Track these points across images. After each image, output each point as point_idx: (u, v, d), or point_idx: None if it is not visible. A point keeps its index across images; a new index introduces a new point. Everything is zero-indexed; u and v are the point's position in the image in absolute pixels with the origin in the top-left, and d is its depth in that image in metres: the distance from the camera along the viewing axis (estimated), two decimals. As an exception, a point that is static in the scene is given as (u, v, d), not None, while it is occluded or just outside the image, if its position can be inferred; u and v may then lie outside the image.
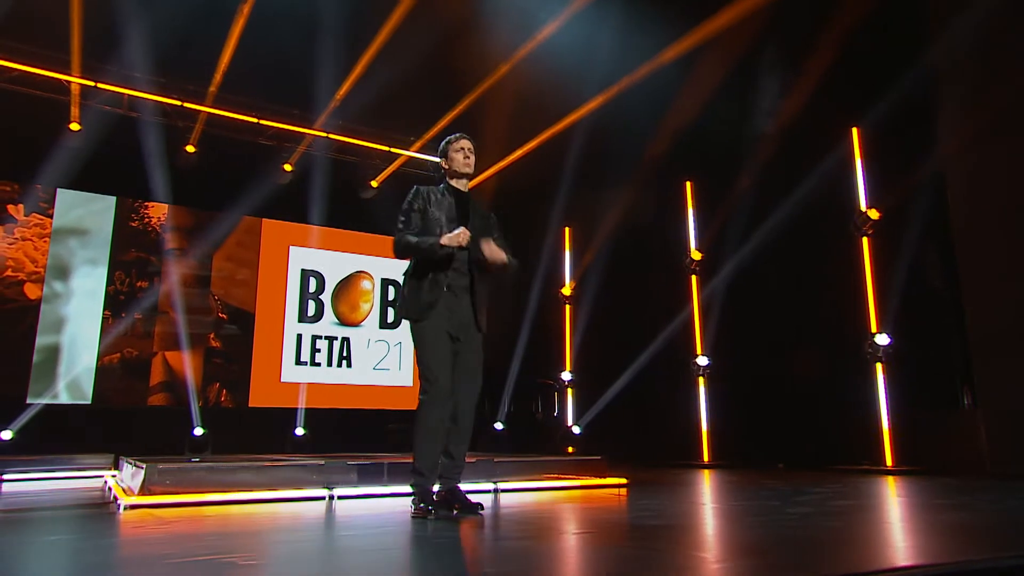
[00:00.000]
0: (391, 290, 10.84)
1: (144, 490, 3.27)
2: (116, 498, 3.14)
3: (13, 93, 7.91)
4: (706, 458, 7.80)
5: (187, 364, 9.15)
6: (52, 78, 7.93)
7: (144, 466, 3.29)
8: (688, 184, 8.59)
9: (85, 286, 8.74)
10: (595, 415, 8.80)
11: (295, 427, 9.32)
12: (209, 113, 8.65)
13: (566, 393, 9.46)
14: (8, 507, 3.60)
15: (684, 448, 7.94)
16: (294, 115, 9.23)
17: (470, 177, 3.58)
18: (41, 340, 8.40)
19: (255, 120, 9.06)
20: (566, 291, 9.80)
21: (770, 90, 7.26)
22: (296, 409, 9.52)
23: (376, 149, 9.93)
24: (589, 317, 9.47)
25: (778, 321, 7.23)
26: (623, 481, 4.54)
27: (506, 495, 3.99)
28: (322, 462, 3.67)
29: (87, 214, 8.88)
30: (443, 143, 3.60)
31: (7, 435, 7.80)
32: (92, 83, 8.13)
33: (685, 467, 7.41)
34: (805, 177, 6.86)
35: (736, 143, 7.74)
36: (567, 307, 9.87)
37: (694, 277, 8.31)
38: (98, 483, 5.53)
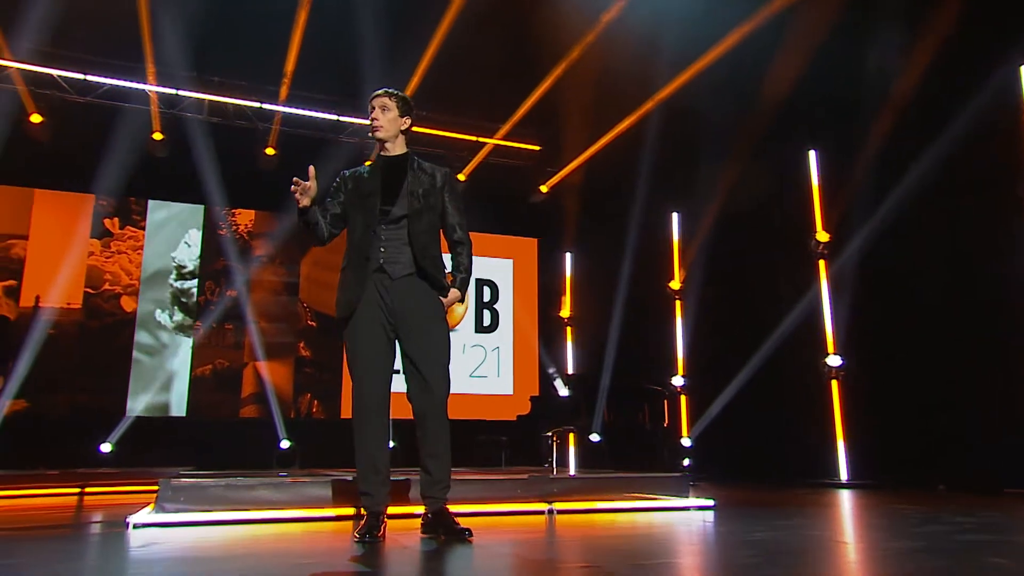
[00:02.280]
0: (487, 291, 10.76)
1: (158, 507, 3.28)
2: (126, 516, 3.16)
3: (99, 106, 8.57)
4: (844, 476, 7.03)
5: (277, 375, 9.53)
6: (135, 89, 8.52)
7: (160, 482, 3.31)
8: (812, 154, 7.82)
9: (177, 297, 9.31)
10: (711, 425, 8.22)
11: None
12: (286, 113, 8.96)
13: (678, 400, 8.92)
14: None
15: (817, 464, 7.20)
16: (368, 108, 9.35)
17: (388, 140, 3.14)
18: (137, 352, 9.04)
19: (335, 118, 9.29)
20: (675, 285, 9.26)
21: (903, 27, 6.42)
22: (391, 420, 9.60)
23: (461, 139, 9.89)
24: (702, 313, 8.87)
25: (931, 311, 6.36)
26: (708, 502, 4.07)
27: (563, 518, 3.67)
28: (350, 478, 3.54)
29: (177, 224, 9.46)
30: None
31: (106, 448, 8.44)
32: (173, 91, 8.65)
33: (819, 487, 6.70)
34: (963, 134, 5.99)
35: (870, 97, 6.93)
36: (677, 303, 9.32)
37: (822, 262, 7.53)
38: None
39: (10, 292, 8.74)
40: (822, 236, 7.57)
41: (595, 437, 7.66)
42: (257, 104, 8.98)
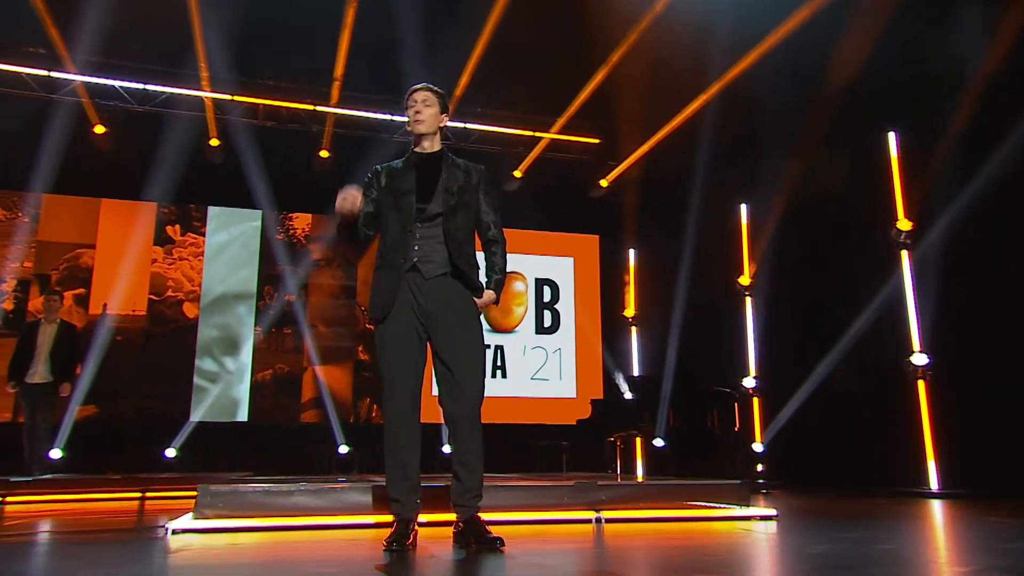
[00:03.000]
0: (547, 291, 10.67)
1: (197, 513, 3.33)
2: (165, 522, 3.23)
3: (158, 115, 8.90)
4: (934, 486, 6.63)
5: (336, 379, 9.69)
6: (191, 96, 8.82)
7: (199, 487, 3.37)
8: (892, 136, 7.42)
9: (237, 302, 9.58)
10: (785, 430, 7.90)
11: (444, 443, 9.44)
12: (339, 115, 9.11)
13: (749, 403, 8.61)
14: (53, 528, 3.86)
15: (904, 471, 6.82)
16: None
17: (429, 137, 3.08)
18: (200, 358, 9.35)
19: (387, 117, 9.39)
20: (744, 280, 8.95)
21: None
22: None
23: (516, 135, 9.84)
24: (774, 310, 8.55)
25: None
26: (770, 512, 3.87)
27: (611, 527, 3.55)
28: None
29: (236, 230, 9.74)
30: None
31: (171, 452, 8.76)
32: (228, 97, 8.91)
33: (905, 497, 6.34)
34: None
35: (951, 75, 6.53)
36: (747, 299, 9.01)
37: (904, 252, 7.13)
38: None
39: (80, 300, 9.17)
40: (903, 224, 7.16)
41: (659, 442, 7.47)
42: (310, 106, 9.15)
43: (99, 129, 8.78)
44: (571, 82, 8.70)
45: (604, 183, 10.23)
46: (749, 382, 8.67)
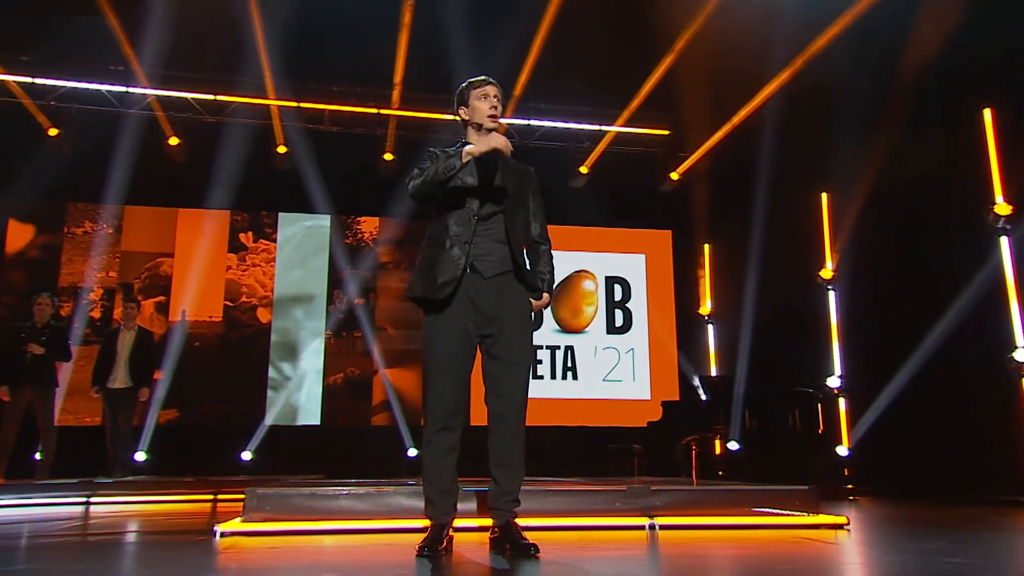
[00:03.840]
0: (618, 289, 10.52)
1: (245, 516, 3.41)
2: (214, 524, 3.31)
3: (228, 125, 9.24)
4: (1043, 492, 6.15)
5: (406, 382, 9.82)
6: (259, 104, 9.12)
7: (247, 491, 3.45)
8: (987, 113, 6.95)
9: (308, 306, 9.84)
10: (874, 432, 7.51)
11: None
12: (400, 117, 9.23)
13: (835, 404, 8.22)
14: (103, 530, 4.00)
15: (1008, 477, 6.36)
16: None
17: (495, 129, 3.03)
18: (273, 362, 9.65)
19: (451, 117, 9.43)
20: (826, 273, 8.56)
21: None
22: (517, 427, 9.62)
23: (580, 130, 9.73)
24: (860, 304, 8.14)
25: None
26: (840, 520, 3.65)
27: (666, 535, 3.43)
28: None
29: (305, 235, 10.01)
30: (460, 88, 3.12)
31: (247, 455, 9.07)
32: (294, 103, 9.18)
33: (1009, 505, 5.92)
34: None
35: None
36: (830, 293, 8.61)
37: (1003, 239, 6.66)
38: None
39: (160, 308, 9.62)
40: (1002, 208, 6.69)
41: (733, 445, 7.23)
42: (374, 110, 9.31)
43: (173, 141, 9.19)
44: (636, 72, 8.53)
45: (675, 176, 9.99)
46: (834, 381, 8.29)
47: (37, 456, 7.42)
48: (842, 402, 8.23)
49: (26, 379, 6.89)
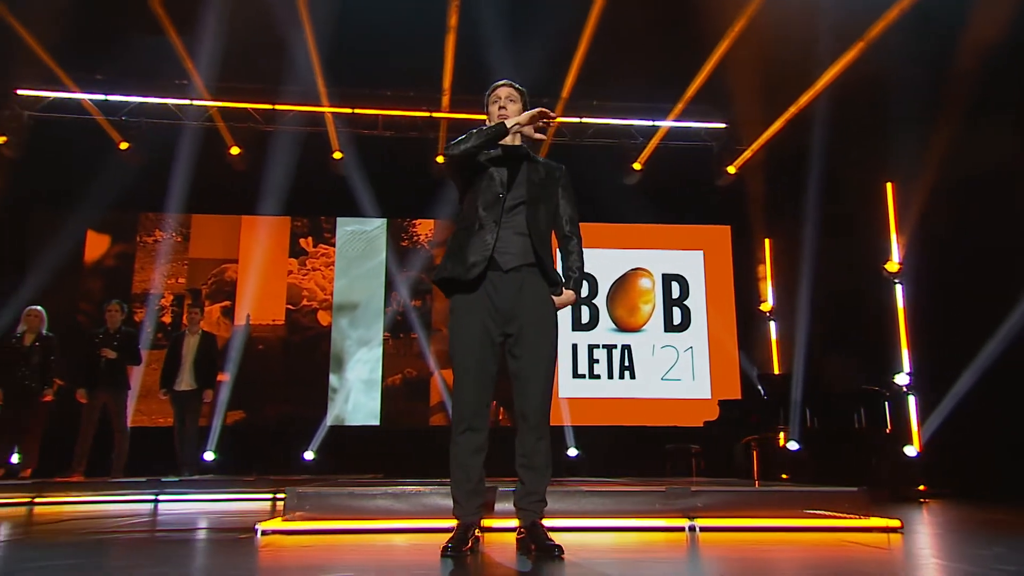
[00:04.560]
0: (675, 287, 10.34)
1: (287, 515, 3.48)
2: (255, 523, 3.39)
3: (286, 133, 9.48)
4: None
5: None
6: (312, 112, 9.33)
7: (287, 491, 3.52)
8: (1063, 93, 6.55)
9: (366, 309, 10.01)
10: (946, 431, 7.16)
11: (570, 446, 9.38)
12: (452, 119, 9.30)
13: (904, 402, 7.88)
14: (162, 527, 4.13)
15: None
16: (542, 104, 9.37)
17: (513, 133, 3.03)
18: (333, 364, 9.86)
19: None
20: (892, 267, 8.21)
21: None
22: (574, 427, 9.58)
23: (633, 126, 9.61)
24: (930, 298, 7.78)
25: None
26: (893, 523, 3.48)
27: (706, 537, 3.34)
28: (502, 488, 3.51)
29: (362, 238, 10.19)
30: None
31: (309, 455, 9.29)
32: (348, 110, 9.36)
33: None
34: None
35: None
36: (897, 287, 8.25)
37: (1083, 226, 6.26)
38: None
39: (226, 312, 9.95)
40: (1080, 194, 6.30)
41: (793, 445, 7.00)
42: (426, 113, 9.41)
43: (234, 150, 9.49)
44: (688, 66, 8.39)
45: (731, 170, 9.76)
46: (902, 379, 7.95)
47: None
48: (911, 400, 7.89)
49: (100, 382, 7.22)
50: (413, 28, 7.51)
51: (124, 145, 9.40)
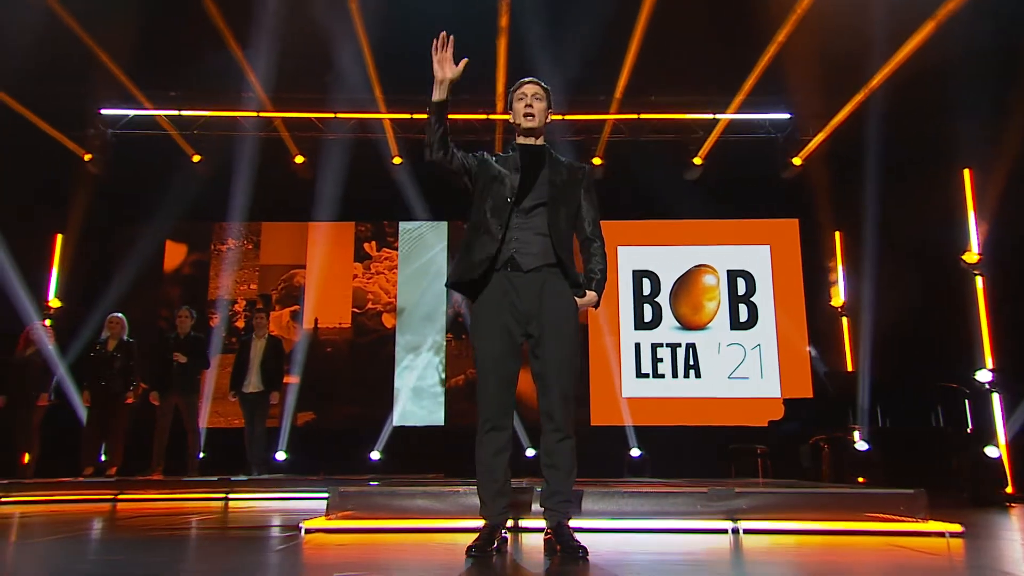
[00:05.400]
0: (741, 283, 10.07)
1: (330, 513, 3.55)
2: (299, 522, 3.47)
3: (347, 140, 9.70)
4: None
5: (522, 382, 9.86)
6: (370, 118, 9.51)
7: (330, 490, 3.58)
8: None
9: (429, 311, 10.13)
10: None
11: (633, 447, 9.24)
12: (507, 121, 9.30)
13: (987, 400, 7.43)
14: (185, 525, 4.25)
15: None
16: (598, 102, 9.31)
17: (537, 132, 3.03)
18: (398, 365, 10.02)
19: (558, 117, 9.42)
20: (971, 257, 7.77)
21: None
22: (637, 427, 9.44)
23: (692, 120, 9.41)
24: (1011, 290, 7.34)
25: None
26: (953, 528, 3.27)
27: (750, 539, 3.22)
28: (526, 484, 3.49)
29: (424, 242, 10.32)
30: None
31: (376, 455, 9.46)
32: (407, 115, 9.51)
33: None
34: None
35: None
36: (978, 279, 7.81)
37: None
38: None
39: (296, 316, 10.24)
40: None
41: (862, 445, 6.70)
42: (483, 116, 9.46)
43: (299, 159, 9.76)
44: (746, 55, 8.15)
45: (797, 161, 9.43)
46: (984, 375, 7.51)
47: (200, 455, 8.14)
48: (995, 398, 7.45)
49: (173, 385, 7.54)
50: (464, 31, 7.52)
51: (197, 158, 9.80)
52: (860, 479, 7.59)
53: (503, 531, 2.86)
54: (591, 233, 3.06)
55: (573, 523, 2.81)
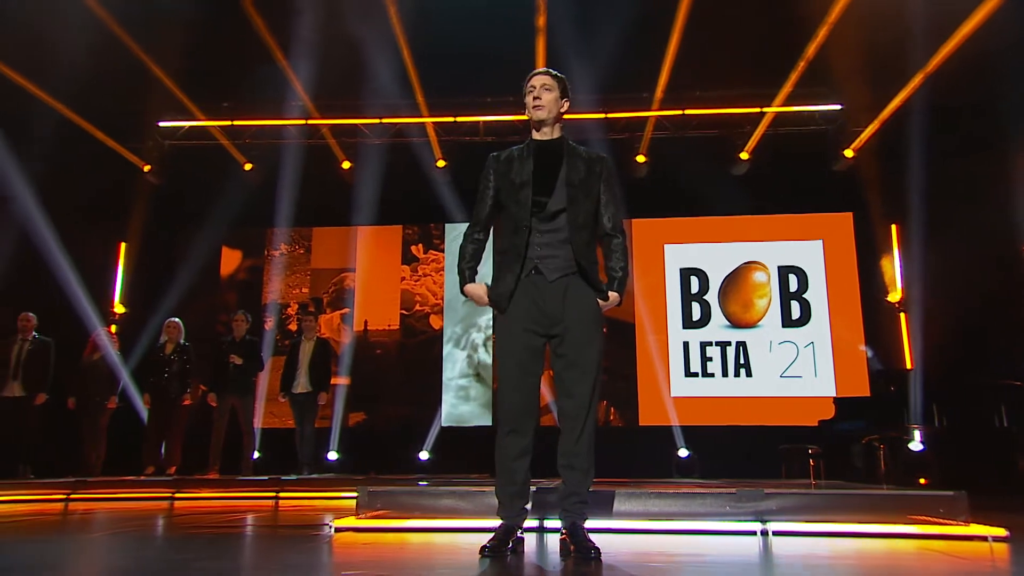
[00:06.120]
0: (792, 279, 9.83)
1: (359, 512, 3.61)
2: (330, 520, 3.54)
3: (392, 145, 9.84)
4: None
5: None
6: (417, 123, 9.62)
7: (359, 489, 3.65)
8: None
9: (475, 312, 10.18)
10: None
11: (681, 447, 9.12)
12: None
13: (1053, 398, 7.07)
14: (221, 524, 4.35)
15: None
16: (640, 99, 9.22)
17: (549, 123, 2.98)
18: (446, 366, 10.11)
19: (600, 115, 9.37)
20: (1034, 249, 7.42)
21: None
22: (687, 427, 9.31)
23: (737, 114, 9.22)
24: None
25: None
26: (997, 532, 3.12)
27: (779, 541, 3.14)
28: (539, 489, 3.49)
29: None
30: None
31: (424, 455, 9.56)
32: (451, 118, 9.59)
33: None
34: None
35: None
36: (1042, 272, 7.45)
37: None
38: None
39: (346, 319, 10.44)
40: None
41: (916, 446, 6.46)
42: (525, 117, 9.44)
43: (346, 164, 9.95)
44: (792, 46, 7.95)
45: (849, 153, 9.15)
46: (1049, 372, 7.17)
47: (255, 455, 8.39)
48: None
49: (229, 387, 7.77)
50: (502, 32, 7.58)
51: (248, 166, 10.08)
52: (921, 480, 7.34)
53: (519, 532, 2.86)
54: (611, 228, 3.01)
55: (602, 523, 2.81)
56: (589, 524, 2.96)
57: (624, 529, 3.39)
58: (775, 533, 3.24)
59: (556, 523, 3.38)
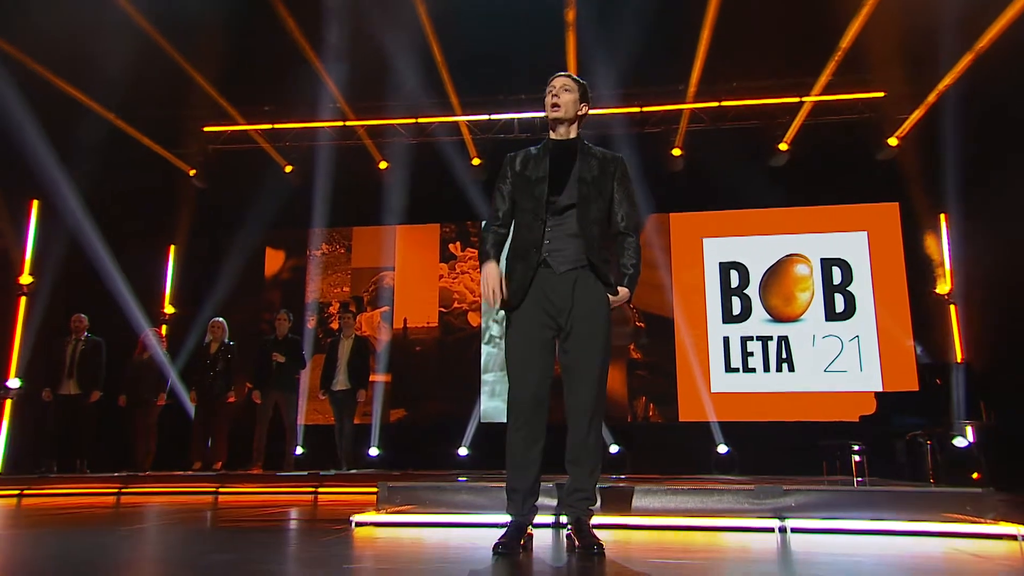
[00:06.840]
0: (836, 272, 9.60)
1: (379, 507, 3.67)
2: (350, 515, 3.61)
3: (429, 144, 9.92)
4: None
5: (609, 378, 9.79)
6: (452, 122, 9.69)
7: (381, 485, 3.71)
8: None
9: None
10: None
11: (720, 443, 9.00)
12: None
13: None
14: (250, 517, 4.45)
15: None
16: (675, 91, 9.10)
17: (565, 122, 3.03)
18: (484, 363, 10.16)
19: (636, 109, 9.29)
20: (1089, 236, 7.10)
21: None
22: (728, 423, 9.18)
23: (775, 104, 9.03)
24: None
25: None
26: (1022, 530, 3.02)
27: (798, 538, 3.08)
28: (551, 485, 3.50)
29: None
30: None
31: (463, 451, 9.63)
32: (486, 116, 9.63)
33: None
34: None
35: None
36: (1099, 261, 7.12)
37: None
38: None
39: (386, 317, 10.58)
40: None
41: (961, 442, 6.26)
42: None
43: (383, 165, 10.08)
44: (831, 33, 7.76)
45: (893, 141, 8.89)
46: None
47: (298, 451, 8.58)
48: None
49: (272, 384, 7.97)
50: (532, 28, 7.58)
51: (288, 168, 10.29)
52: (974, 475, 7.11)
53: (529, 528, 2.88)
54: (624, 227, 3.04)
55: (620, 519, 2.80)
56: (607, 520, 2.96)
57: (642, 525, 3.38)
58: (794, 530, 3.19)
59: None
